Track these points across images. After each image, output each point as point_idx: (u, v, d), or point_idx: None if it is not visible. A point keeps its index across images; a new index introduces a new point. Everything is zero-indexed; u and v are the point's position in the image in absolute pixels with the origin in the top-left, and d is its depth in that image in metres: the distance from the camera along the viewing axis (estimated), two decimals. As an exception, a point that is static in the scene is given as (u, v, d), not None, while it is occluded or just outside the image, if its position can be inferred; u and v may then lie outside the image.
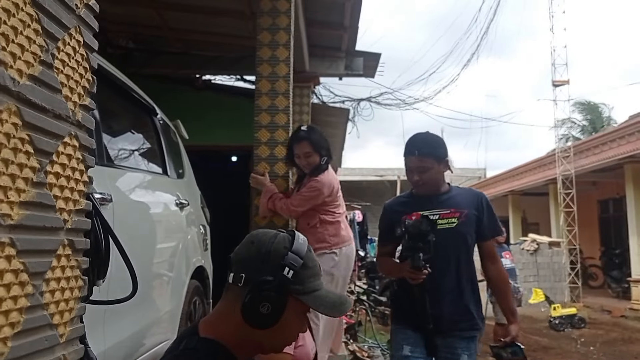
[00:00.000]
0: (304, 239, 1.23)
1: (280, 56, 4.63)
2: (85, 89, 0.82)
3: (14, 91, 0.65)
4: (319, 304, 1.19)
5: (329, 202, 3.62)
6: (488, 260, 2.42)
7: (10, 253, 0.65)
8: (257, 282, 1.14)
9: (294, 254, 1.17)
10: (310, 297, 1.18)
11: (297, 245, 1.19)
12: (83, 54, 0.81)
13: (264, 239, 1.21)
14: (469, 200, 2.43)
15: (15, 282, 0.66)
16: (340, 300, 1.24)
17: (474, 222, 2.38)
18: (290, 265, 1.15)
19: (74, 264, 0.80)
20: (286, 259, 1.16)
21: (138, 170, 2.90)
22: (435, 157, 2.40)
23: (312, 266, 1.21)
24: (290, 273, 1.15)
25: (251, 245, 1.21)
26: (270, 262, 1.16)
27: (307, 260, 1.19)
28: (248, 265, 1.19)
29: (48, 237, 0.73)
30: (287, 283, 1.14)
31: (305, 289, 1.18)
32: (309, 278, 1.19)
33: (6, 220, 0.64)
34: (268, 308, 1.12)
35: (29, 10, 0.68)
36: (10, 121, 0.65)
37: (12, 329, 0.66)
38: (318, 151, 3.60)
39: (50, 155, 0.73)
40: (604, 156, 12.05)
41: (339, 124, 9.71)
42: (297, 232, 1.25)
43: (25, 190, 0.68)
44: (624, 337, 8.93)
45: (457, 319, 2.30)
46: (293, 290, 1.16)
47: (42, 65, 0.71)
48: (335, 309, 1.22)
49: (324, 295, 1.21)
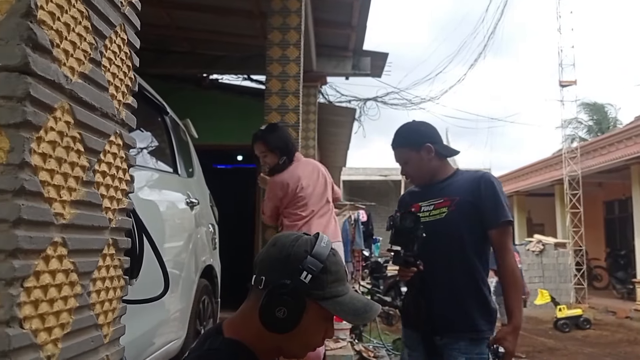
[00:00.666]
0: (327, 243, 1.19)
1: (291, 55, 4.63)
2: (128, 87, 0.82)
3: (67, 89, 0.64)
4: (340, 310, 1.15)
5: (289, 204, 3.48)
6: (496, 252, 2.12)
7: (62, 253, 0.65)
8: (274, 285, 1.13)
9: (313, 258, 1.14)
10: (331, 302, 1.15)
11: (318, 248, 1.16)
12: (127, 52, 0.81)
13: (286, 242, 1.19)
14: (466, 185, 2.16)
15: (66, 282, 0.66)
16: (365, 307, 1.19)
17: (470, 210, 2.11)
18: (309, 269, 1.12)
19: (117, 263, 0.80)
20: (305, 263, 1.13)
21: (149, 168, 2.89)
22: (409, 146, 2.22)
23: (335, 271, 1.17)
24: (308, 277, 1.12)
25: (273, 247, 1.20)
26: (289, 265, 1.14)
27: (329, 264, 1.16)
28: (268, 268, 1.17)
29: (95, 237, 0.73)
30: (304, 287, 1.11)
31: (325, 294, 1.14)
32: (330, 283, 1.15)
33: (59, 219, 0.64)
34: (284, 312, 1.10)
35: (80, 7, 0.67)
36: (63, 119, 0.64)
37: (62, 330, 0.65)
38: (273, 151, 3.47)
39: (98, 153, 0.72)
40: (610, 157, 12.03)
41: (345, 124, 9.70)
42: (322, 235, 1.22)
43: (76, 189, 0.67)
44: (629, 338, 8.90)
45: (452, 319, 2.09)
46: (313, 295, 1.13)
47: (91, 63, 0.70)
48: (358, 316, 1.18)
49: (347, 302, 1.17)
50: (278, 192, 3.44)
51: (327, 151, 11.79)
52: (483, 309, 2.09)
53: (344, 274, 1.19)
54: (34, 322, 0.60)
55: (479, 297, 2.12)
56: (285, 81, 4.66)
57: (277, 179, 3.44)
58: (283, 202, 3.45)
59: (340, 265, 1.19)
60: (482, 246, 2.13)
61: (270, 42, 4.62)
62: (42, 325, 0.61)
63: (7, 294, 0.55)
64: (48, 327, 0.62)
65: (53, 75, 0.61)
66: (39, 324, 0.60)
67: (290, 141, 3.58)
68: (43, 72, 0.60)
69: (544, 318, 10.70)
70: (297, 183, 3.45)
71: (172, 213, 2.99)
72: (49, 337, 0.62)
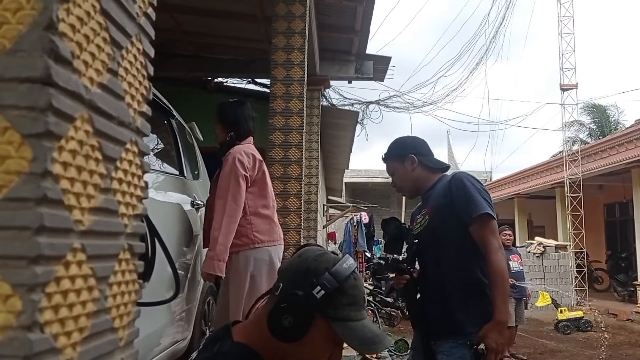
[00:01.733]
0: (350, 265, 1.18)
1: (295, 60, 4.65)
2: (143, 95, 0.83)
3: (87, 99, 0.66)
4: (348, 334, 1.14)
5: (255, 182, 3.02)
6: (483, 249, 2.03)
7: (81, 259, 0.66)
8: (286, 293, 1.14)
9: (331, 276, 1.13)
10: (341, 324, 1.14)
11: (339, 267, 1.15)
12: (142, 61, 0.82)
13: (310, 255, 1.20)
14: (440, 191, 2.18)
15: (84, 287, 0.67)
16: (375, 339, 1.16)
17: (445, 213, 2.11)
18: (323, 286, 1.12)
19: (132, 267, 0.81)
20: (320, 278, 1.13)
21: (155, 170, 2.91)
22: (394, 158, 2.31)
23: (352, 294, 1.16)
24: (321, 293, 1.12)
25: (298, 258, 1.21)
26: (306, 277, 1.14)
27: (347, 286, 1.15)
28: (287, 276, 1.19)
29: (112, 242, 0.74)
30: (314, 301, 1.11)
31: (337, 315, 1.14)
32: (344, 305, 1.14)
33: (78, 226, 0.65)
34: (290, 321, 1.11)
35: (98, 19, 0.68)
36: (83, 128, 0.65)
37: (80, 334, 0.66)
38: (222, 122, 3.20)
39: (115, 161, 0.74)
40: (611, 160, 12.02)
41: (348, 127, 9.73)
42: (348, 257, 1.22)
43: (94, 196, 0.68)
44: (630, 341, 8.90)
45: (440, 324, 2.10)
46: (324, 312, 1.13)
47: (109, 73, 0.71)
48: (365, 346, 1.15)
49: (357, 328, 1.15)
50: (244, 160, 2.96)
51: (330, 154, 11.81)
52: (472, 310, 2.05)
53: (361, 300, 1.18)
54: (54, 326, 0.61)
55: (470, 299, 2.07)
56: (289, 85, 4.68)
57: (235, 149, 3.03)
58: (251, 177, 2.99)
59: (358, 290, 1.18)
60: (470, 246, 2.08)
61: (274, 47, 4.65)
62: (62, 329, 0.62)
63: (29, 299, 0.56)
64: (67, 332, 0.63)
65: (74, 86, 0.63)
66: (59, 328, 0.62)
67: (244, 121, 3.20)
68: (64, 83, 0.61)
69: (545, 320, 10.70)
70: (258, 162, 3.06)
71: (178, 215, 3.01)
72: (68, 341, 0.63)
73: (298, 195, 4.82)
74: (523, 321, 7.41)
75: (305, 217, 7.58)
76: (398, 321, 8.86)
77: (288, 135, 4.69)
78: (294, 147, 4.70)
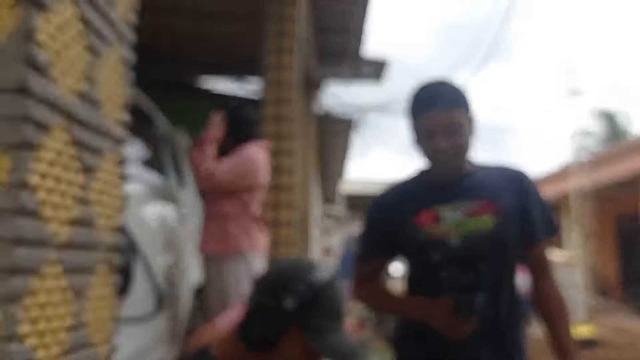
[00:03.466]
0: (326, 275, 1.18)
1: (287, 62, 4.67)
2: (123, 103, 0.86)
3: (64, 108, 0.68)
4: (321, 346, 1.14)
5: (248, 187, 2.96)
6: (539, 273, 1.61)
7: (58, 271, 0.68)
8: (257, 303, 1.16)
9: (305, 287, 1.14)
10: (314, 335, 1.14)
11: (313, 278, 1.16)
12: (122, 69, 0.85)
13: (287, 265, 1.21)
14: (500, 186, 1.60)
15: (62, 301, 0.69)
16: (351, 354, 1.16)
17: (517, 220, 1.56)
18: (295, 296, 1.13)
19: (110, 281, 0.83)
20: (293, 289, 1.14)
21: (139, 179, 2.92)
22: (465, 106, 1.57)
23: (328, 306, 1.16)
24: (292, 303, 1.13)
25: (275, 268, 1.23)
26: (279, 287, 1.15)
27: (323, 298, 1.15)
28: (262, 286, 1.20)
29: (90, 255, 0.77)
30: (284, 311, 1.12)
31: (310, 326, 1.14)
32: (317, 316, 1.15)
33: (55, 238, 0.68)
34: (260, 331, 1.12)
35: (78, 27, 0.71)
36: (61, 138, 0.68)
37: (60, 348, 0.69)
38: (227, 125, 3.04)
39: (94, 171, 0.76)
40: (620, 169, 12.07)
41: (343, 132, 9.73)
42: (328, 269, 1.22)
43: (72, 208, 0.71)
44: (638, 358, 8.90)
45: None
46: (297, 323, 1.14)
47: (87, 81, 0.74)
48: (339, 357, 1.15)
49: (332, 340, 1.15)
50: (251, 166, 2.84)
51: (325, 161, 11.81)
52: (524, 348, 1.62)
53: (337, 311, 1.17)
54: (33, 339, 0.63)
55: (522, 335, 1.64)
56: (281, 88, 4.69)
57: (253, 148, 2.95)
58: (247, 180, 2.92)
59: (335, 302, 1.17)
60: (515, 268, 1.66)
61: (267, 49, 4.66)
62: (41, 341, 0.65)
63: (6, 311, 0.58)
64: (46, 344, 0.66)
65: (50, 95, 0.65)
66: (38, 340, 0.64)
67: (245, 124, 3.08)
68: (41, 93, 0.64)
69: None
70: (261, 167, 2.95)
71: (162, 226, 3.02)
72: (46, 353, 0.66)
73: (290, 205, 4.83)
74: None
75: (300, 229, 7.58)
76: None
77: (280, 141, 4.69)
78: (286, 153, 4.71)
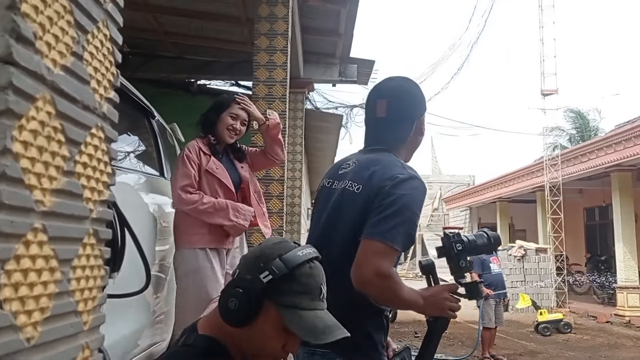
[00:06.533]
0: (307, 254, 1.17)
1: (278, 61, 4.67)
2: (110, 82, 0.83)
3: (49, 80, 0.66)
4: (295, 323, 1.12)
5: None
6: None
7: (42, 239, 0.66)
8: (236, 278, 1.16)
9: (282, 262, 1.13)
10: (289, 311, 1.13)
11: (291, 255, 1.14)
12: (109, 47, 0.83)
13: (269, 244, 1.20)
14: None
15: (46, 268, 0.67)
16: (325, 329, 1.13)
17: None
18: (271, 271, 1.12)
19: (97, 253, 0.81)
20: (270, 264, 1.13)
21: (135, 171, 2.89)
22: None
23: (305, 283, 1.14)
24: (268, 277, 1.11)
25: (258, 246, 1.23)
26: (257, 263, 1.15)
27: (299, 274, 1.14)
28: (243, 263, 1.20)
29: (75, 226, 0.74)
30: (260, 286, 1.11)
31: (285, 302, 1.13)
32: (294, 292, 1.13)
33: (39, 206, 0.65)
34: (235, 304, 1.11)
35: (63, 2, 0.69)
36: (44, 109, 0.66)
37: (41, 314, 0.66)
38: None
39: (79, 145, 0.74)
40: (591, 164, 12.21)
41: (332, 130, 9.76)
42: (308, 246, 1.21)
43: (56, 178, 0.69)
44: (609, 343, 9.02)
45: None
46: (272, 298, 1.13)
47: (73, 56, 0.72)
48: (312, 335, 1.12)
49: (306, 317, 1.13)
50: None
51: (314, 157, 11.83)
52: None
53: (314, 289, 1.16)
54: (14, 304, 0.61)
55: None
56: (272, 86, 4.69)
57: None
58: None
59: (312, 279, 1.16)
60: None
61: (257, 48, 4.66)
62: (22, 308, 0.62)
63: (-14, 275, 0.56)
64: (28, 310, 0.63)
65: (35, 66, 0.63)
66: (19, 306, 0.62)
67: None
68: (26, 63, 0.61)
69: (525, 322, 10.81)
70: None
71: (158, 217, 2.99)
72: (28, 320, 0.63)
73: (280, 197, 4.83)
74: (502, 322, 7.48)
75: (289, 220, 7.58)
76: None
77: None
78: (276, 148, 4.71)
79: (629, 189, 11.94)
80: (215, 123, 3.00)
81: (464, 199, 21.66)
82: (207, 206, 2.73)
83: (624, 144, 10.80)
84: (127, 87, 2.82)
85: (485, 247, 1.71)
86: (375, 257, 1.40)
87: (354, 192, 1.56)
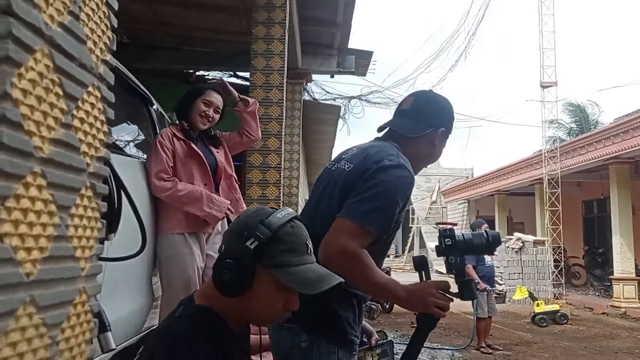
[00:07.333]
0: (286, 215, 1.22)
1: (275, 50, 4.71)
2: (106, 45, 0.88)
3: (47, 35, 0.70)
4: (289, 279, 1.17)
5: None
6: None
7: (41, 183, 0.70)
8: (224, 250, 1.20)
9: (264, 227, 1.17)
10: (281, 270, 1.17)
11: (272, 219, 1.19)
12: (105, 11, 0.87)
13: (249, 213, 1.24)
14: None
15: (45, 211, 0.72)
16: (319, 278, 1.19)
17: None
18: (256, 237, 1.16)
19: (94, 205, 0.85)
20: (253, 231, 1.17)
21: (134, 157, 2.93)
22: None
23: (290, 241, 1.19)
24: (254, 244, 1.16)
25: (239, 218, 1.26)
26: (242, 233, 1.19)
27: (282, 234, 1.18)
28: (228, 237, 1.24)
29: (73, 176, 0.79)
30: (248, 253, 1.15)
31: (274, 262, 1.17)
32: (281, 252, 1.18)
33: (38, 152, 0.70)
34: (229, 276, 1.15)
35: (59, -37, 0.73)
36: (43, 62, 0.70)
37: (40, 253, 0.71)
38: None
39: (76, 100, 0.78)
40: (589, 157, 12.24)
41: (330, 121, 9.79)
42: (286, 208, 1.26)
43: (54, 129, 0.73)
44: (605, 333, 9.08)
45: None
46: (262, 262, 1.17)
47: (70, 15, 0.76)
48: (308, 286, 1.17)
49: (298, 272, 1.18)
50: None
51: (312, 148, 11.86)
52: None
53: (300, 246, 1.21)
54: (14, 239, 0.65)
55: None
56: (269, 75, 4.73)
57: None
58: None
59: (296, 237, 1.21)
60: None
61: (254, 37, 4.70)
62: (22, 244, 0.67)
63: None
64: (27, 247, 0.68)
65: (34, 19, 0.67)
66: (19, 242, 0.66)
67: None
68: (25, 15, 0.65)
69: (522, 313, 10.86)
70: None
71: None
72: (27, 256, 0.68)
73: (277, 184, 4.87)
74: (495, 312, 7.54)
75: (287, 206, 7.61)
76: (378, 314, 9.01)
77: (267, 125, 4.73)
78: (273, 136, 4.76)
79: (627, 182, 11.98)
80: (189, 109, 3.03)
81: (462, 192, 21.71)
82: (181, 194, 2.74)
83: (622, 136, 10.83)
84: (125, 74, 2.85)
85: (484, 247, 1.69)
86: (343, 235, 1.42)
87: (344, 170, 1.59)
